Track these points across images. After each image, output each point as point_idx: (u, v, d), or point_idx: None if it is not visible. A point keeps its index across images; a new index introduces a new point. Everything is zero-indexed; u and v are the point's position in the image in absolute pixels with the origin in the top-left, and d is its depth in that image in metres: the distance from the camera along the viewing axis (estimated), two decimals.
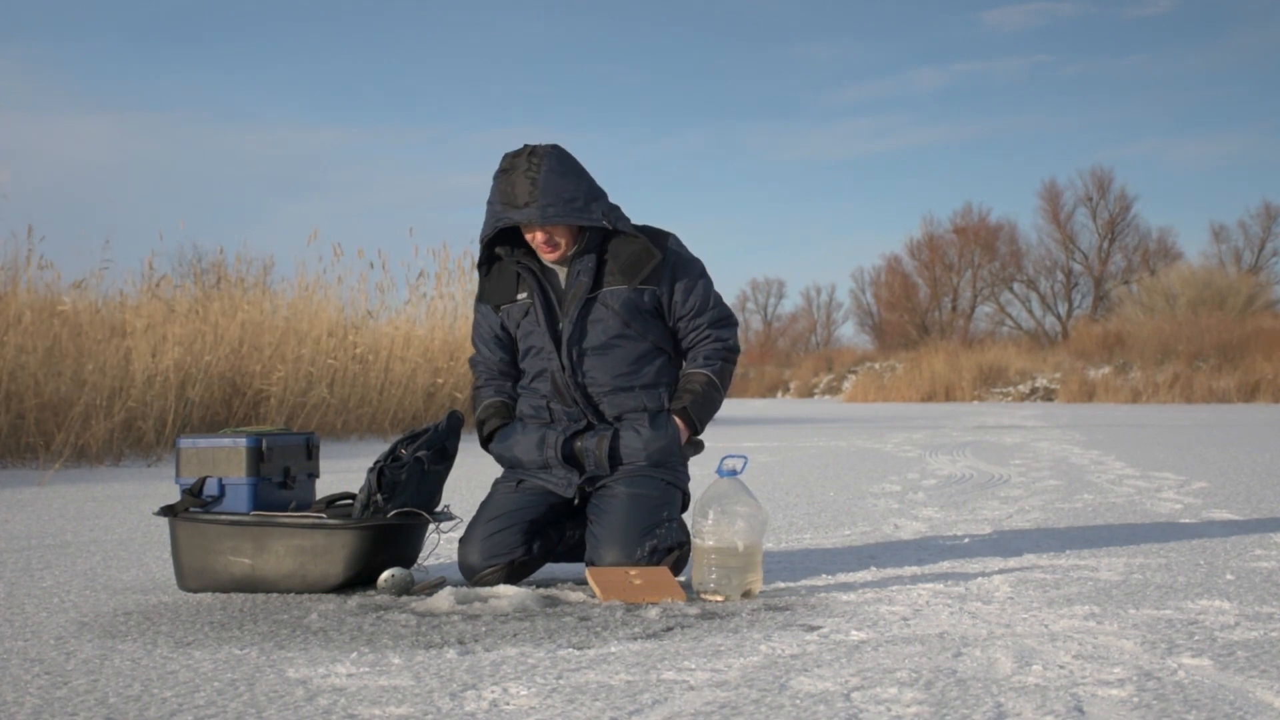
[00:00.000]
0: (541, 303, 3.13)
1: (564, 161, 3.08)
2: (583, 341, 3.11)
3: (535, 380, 3.19)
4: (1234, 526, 4.22)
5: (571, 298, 3.12)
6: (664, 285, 3.13)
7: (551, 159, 3.06)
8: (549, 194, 3.02)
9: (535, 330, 3.16)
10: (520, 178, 3.03)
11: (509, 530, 3.05)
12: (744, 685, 2.00)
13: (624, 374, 3.12)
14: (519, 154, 3.07)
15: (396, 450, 3.02)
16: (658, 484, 3.08)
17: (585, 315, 3.11)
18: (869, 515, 4.72)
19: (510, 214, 3.05)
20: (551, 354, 3.13)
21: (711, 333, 3.18)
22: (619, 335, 3.11)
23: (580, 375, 3.12)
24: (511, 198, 3.04)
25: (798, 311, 60.18)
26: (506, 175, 3.06)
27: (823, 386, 41.18)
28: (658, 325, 3.16)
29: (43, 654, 2.32)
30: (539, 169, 3.03)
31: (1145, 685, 1.98)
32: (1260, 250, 44.31)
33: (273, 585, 2.96)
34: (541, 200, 3.02)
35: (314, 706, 1.91)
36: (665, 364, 3.18)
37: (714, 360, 3.17)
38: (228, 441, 3.07)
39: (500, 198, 3.06)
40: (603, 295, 3.11)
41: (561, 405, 3.15)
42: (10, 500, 5.63)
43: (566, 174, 3.06)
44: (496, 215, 3.08)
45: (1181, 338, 27.43)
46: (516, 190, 3.03)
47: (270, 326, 10.37)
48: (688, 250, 3.20)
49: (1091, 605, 2.70)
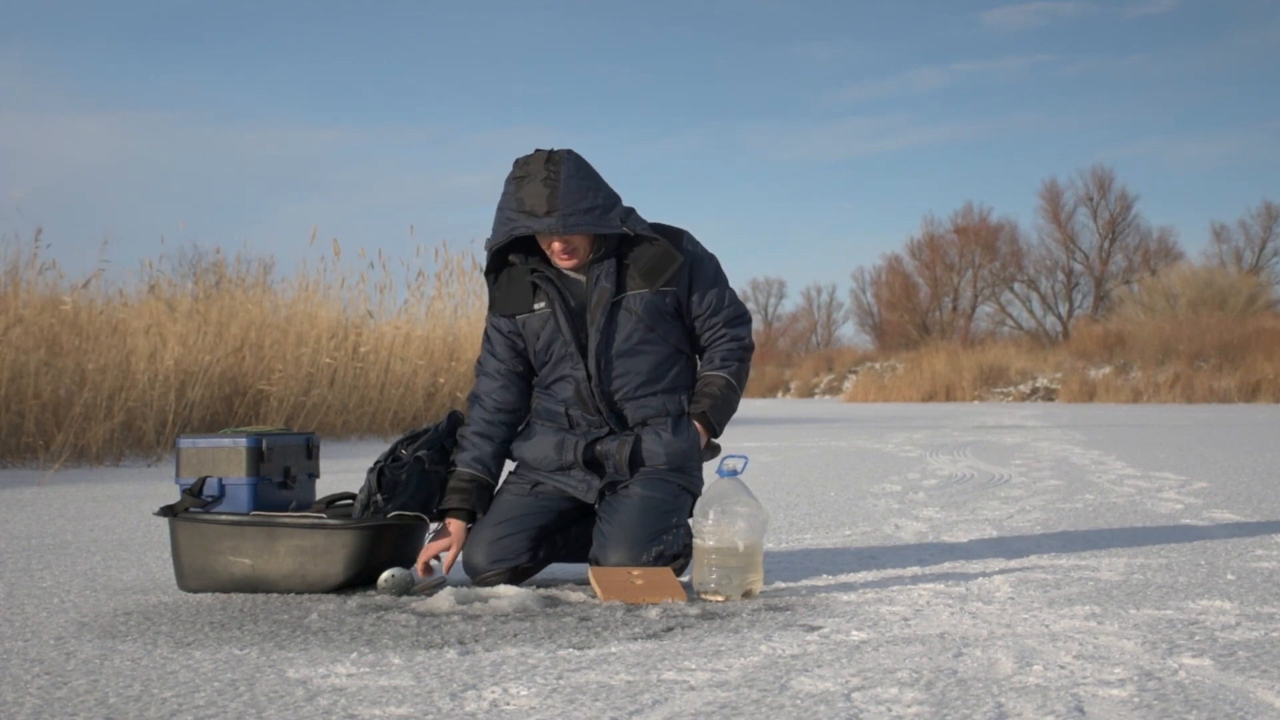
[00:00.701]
0: (563, 310, 3.05)
1: (581, 167, 3.00)
2: (609, 349, 3.06)
3: (554, 385, 3.13)
4: (1235, 527, 4.21)
5: (596, 304, 3.04)
6: (682, 286, 3.09)
7: (569, 165, 2.97)
8: (568, 202, 2.94)
9: (557, 339, 3.08)
10: (537, 185, 2.94)
11: (516, 536, 3.04)
12: (744, 685, 2.00)
13: (648, 379, 3.08)
14: (534, 159, 2.98)
15: (397, 450, 3.02)
16: (672, 488, 3.06)
17: (610, 321, 3.05)
18: (869, 515, 4.72)
19: (528, 222, 2.95)
20: (577, 362, 3.06)
21: (727, 331, 3.16)
22: (643, 340, 3.06)
23: (606, 383, 3.07)
24: (529, 206, 2.95)
25: (798, 311, 60.24)
26: (522, 182, 2.96)
27: (823, 386, 41.17)
28: (678, 327, 3.13)
29: (42, 654, 2.32)
30: (557, 176, 2.95)
31: (1146, 685, 1.98)
32: (1261, 250, 44.28)
33: (273, 585, 2.96)
34: (562, 209, 2.93)
35: (314, 707, 1.91)
36: (685, 366, 3.16)
37: (730, 361, 3.15)
38: (228, 441, 3.07)
39: (515, 205, 2.97)
40: (626, 300, 3.05)
41: (582, 412, 3.10)
42: (10, 500, 5.63)
43: (584, 180, 2.99)
44: (511, 223, 2.98)
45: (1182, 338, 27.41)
46: (534, 199, 2.94)
47: (271, 326, 10.37)
48: (702, 247, 3.16)
49: (1092, 605, 2.70)
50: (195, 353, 9.15)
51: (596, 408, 3.08)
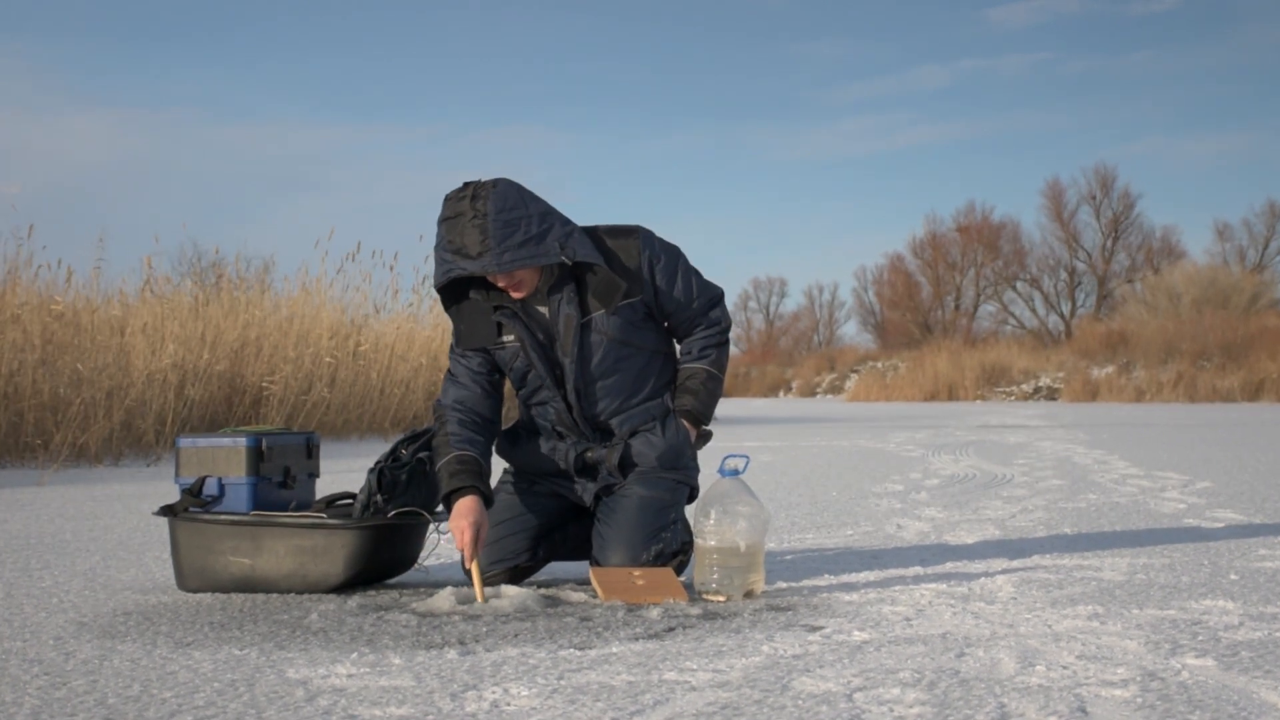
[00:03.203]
0: (534, 345, 2.99)
1: (508, 198, 2.89)
2: (585, 374, 3.01)
3: (537, 407, 3.08)
4: (1238, 526, 4.21)
5: (565, 333, 2.98)
6: (647, 289, 3.02)
7: (496, 199, 2.86)
8: (499, 239, 2.85)
9: (530, 372, 3.02)
10: (467, 225, 2.85)
11: (516, 535, 3.03)
12: (746, 686, 1.99)
13: (630, 394, 3.05)
14: (461, 197, 2.88)
15: (397, 450, 3.02)
16: (668, 485, 3.05)
17: (583, 346, 2.99)
18: (871, 515, 4.71)
19: (464, 264, 2.88)
20: (554, 393, 3.02)
21: (702, 319, 3.11)
22: (619, 358, 3.01)
23: (589, 407, 3.04)
24: (461, 248, 2.87)
25: (800, 310, 60.23)
26: (452, 224, 2.88)
27: (825, 386, 41.17)
28: (653, 330, 3.08)
29: (42, 654, 2.31)
30: (484, 212, 2.85)
31: (1149, 686, 1.97)
32: (1264, 249, 44.28)
33: (273, 585, 2.95)
34: (495, 249, 2.84)
35: (314, 707, 1.90)
36: (665, 365, 3.12)
37: (709, 349, 3.11)
38: (228, 441, 3.06)
39: (449, 247, 2.90)
40: (594, 321, 2.99)
41: (569, 430, 3.07)
42: (9, 500, 5.63)
43: (514, 212, 2.88)
44: (447, 265, 2.91)
45: (1185, 337, 27.42)
46: (466, 240, 2.86)
47: (271, 325, 10.36)
48: (660, 241, 3.07)
49: (1095, 605, 2.69)
50: (195, 352, 9.15)
51: (582, 431, 3.06)
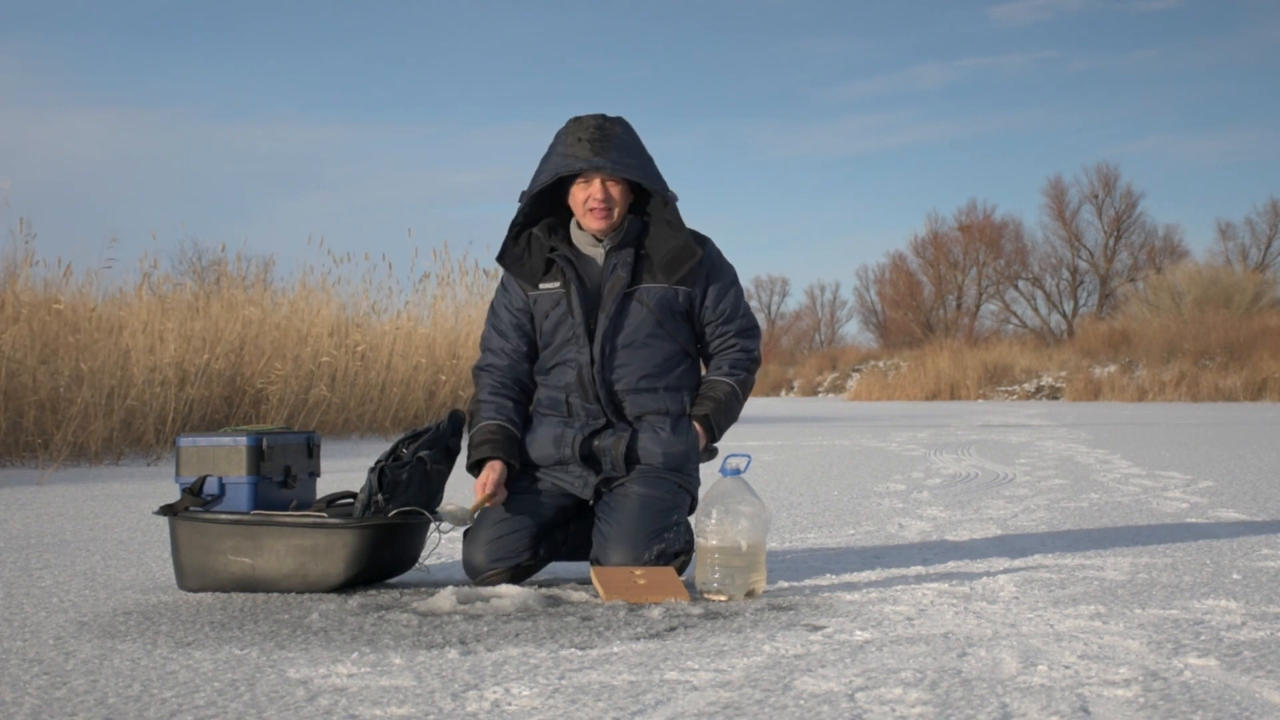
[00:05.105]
0: (578, 292, 3.06)
1: (634, 133, 3.08)
2: (616, 337, 3.06)
3: (555, 370, 3.12)
4: (1241, 526, 4.20)
5: (609, 291, 3.05)
6: (699, 287, 3.10)
7: (624, 125, 3.06)
8: (621, 150, 3.00)
9: (566, 321, 3.08)
10: (592, 131, 3.00)
11: (517, 534, 3.03)
12: (747, 685, 1.99)
13: (650, 374, 3.08)
14: (590, 116, 3.04)
15: (398, 449, 3.01)
16: (670, 486, 3.05)
17: (622, 310, 3.06)
18: (873, 514, 4.71)
19: (577, 163, 2.98)
20: (583, 346, 3.06)
21: (738, 341, 3.17)
22: (651, 334, 3.07)
23: (608, 371, 3.06)
24: (579, 151, 2.98)
25: (801, 309, 60.24)
26: (574, 129, 3.01)
27: (827, 385, 41.16)
28: (687, 328, 3.13)
29: (42, 654, 2.31)
30: (612, 130, 3.02)
31: (1151, 685, 1.97)
32: (1267, 248, 44.19)
33: (273, 585, 2.95)
34: (615, 155, 2.99)
35: (315, 707, 1.89)
36: (689, 368, 3.15)
37: (738, 370, 3.16)
38: (228, 440, 3.05)
39: (566, 150, 3.00)
40: (640, 292, 3.06)
41: (581, 400, 3.08)
42: (9, 499, 5.62)
43: (638, 144, 3.08)
44: (562, 160, 3.00)
45: (1187, 336, 27.38)
46: (588, 142, 2.99)
47: (271, 324, 10.36)
48: (723, 256, 3.18)
49: (1097, 605, 2.69)
50: (195, 351, 9.14)
51: (596, 395, 3.07)
